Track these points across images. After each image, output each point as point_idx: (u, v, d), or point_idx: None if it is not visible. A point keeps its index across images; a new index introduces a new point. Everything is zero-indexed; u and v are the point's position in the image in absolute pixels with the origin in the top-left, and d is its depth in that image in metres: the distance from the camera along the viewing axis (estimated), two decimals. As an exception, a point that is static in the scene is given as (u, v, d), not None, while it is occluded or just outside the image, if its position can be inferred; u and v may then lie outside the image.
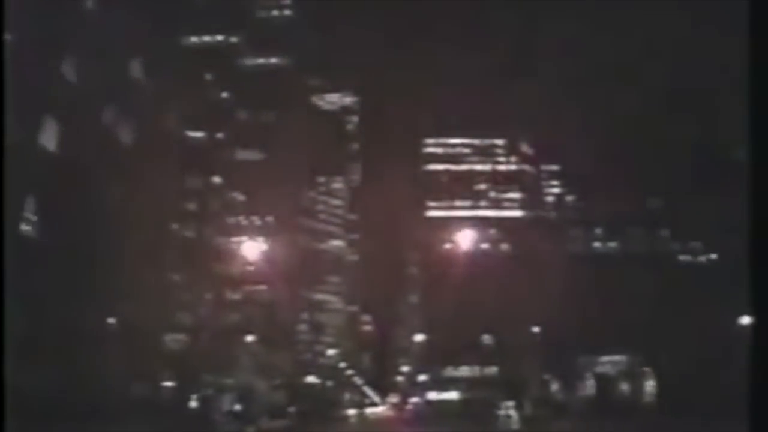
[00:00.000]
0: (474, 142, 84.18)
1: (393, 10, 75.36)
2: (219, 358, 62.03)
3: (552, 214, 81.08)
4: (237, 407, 58.15)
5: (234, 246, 66.33)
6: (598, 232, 78.08)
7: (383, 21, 76.46)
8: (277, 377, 69.03)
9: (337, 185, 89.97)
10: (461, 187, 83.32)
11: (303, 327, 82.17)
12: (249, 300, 72.89)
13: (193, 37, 72.62)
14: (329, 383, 79.63)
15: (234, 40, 77.51)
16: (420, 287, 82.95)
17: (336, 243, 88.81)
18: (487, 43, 73.80)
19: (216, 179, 73.03)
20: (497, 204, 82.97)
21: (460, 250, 75.03)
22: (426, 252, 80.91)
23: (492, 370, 71.72)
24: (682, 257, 75.45)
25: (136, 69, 50.64)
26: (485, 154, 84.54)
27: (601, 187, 75.41)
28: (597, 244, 77.87)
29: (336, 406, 74.34)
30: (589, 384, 64.09)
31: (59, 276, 32.57)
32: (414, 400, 76.75)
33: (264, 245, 66.02)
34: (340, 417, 70.25)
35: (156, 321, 50.00)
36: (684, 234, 75.16)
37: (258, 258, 66.30)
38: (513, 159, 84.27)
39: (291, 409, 63.00)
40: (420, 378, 78.30)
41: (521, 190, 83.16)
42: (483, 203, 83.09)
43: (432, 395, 73.25)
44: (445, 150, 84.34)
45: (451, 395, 71.84)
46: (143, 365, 45.04)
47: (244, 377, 63.33)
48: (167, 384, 52.19)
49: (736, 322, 48.96)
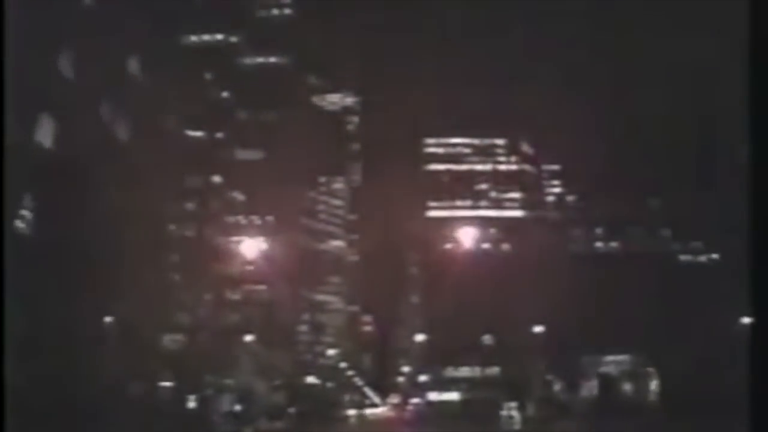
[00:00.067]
0: (474, 141, 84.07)
1: (393, 10, 75.29)
2: (218, 358, 61.85)
3: (553, 214, 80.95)
4: (236, 408, 57.98)
5: (234, 246, 66.13)
6: (599, 231, 77.92)
7: (383, 21, 76.34)
8: (277, 378, 68.83)
9: (338, 185, 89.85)
10: (462, 187, 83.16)
11: (303, 327, 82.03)
12: (249, 300, 72.71)
13: (193, 37, 72.55)
14: (329, 384, 79.44)
15: (234, 39, 77.53)
16: (421, 287, 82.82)
17: (336, 243, 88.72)
18: (488, 43, 73.81)
19: (216, 179, 72.90)
20: (498, 204, 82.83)
21: (460, 250, 74.86)
22: (427, 252, 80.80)
23: (493, 370, 71.56)
24: (683, 257, 75.33)
25: (135, 68, 50.40)
26: (486, 154, 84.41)
27: (602, 187, 75.36)
28: (598, 243, 77.73)
29: (336, 406, 74.13)
30: (592, 384, 63.88)
31: (56, 275, 32.39)
32: (415, 400, 76.53)
33: (264, 245, 65.80)
34: (340, 418, 70.07)
35: (154, 321, 49.78)
36: (685, 234, 75.04)
37: (258, 258, 66.10)
38: (513, 159, 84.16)
39: (291, 410, 62.80)
40: (421, 378, 78.14)
41: (522, 190, 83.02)
42: (484, 203, 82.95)
43: (433, 396, 73.07)
44: (446, 150, 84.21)
45: (452, 396, 71.68)
46: (141, 365, 44.85)
47: (243, 378, 63.14)
48: (166, 384, 51.99)
49: (738, 321, 48.71)
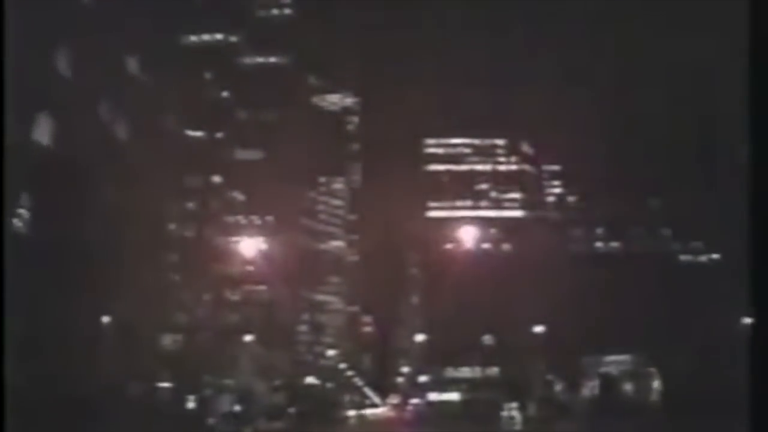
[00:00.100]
0: (475, 142, 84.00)
1: (393, 10, 75.28)
2: (218, 358, 61.74)
3: (553, 214, 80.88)
4: (236, 408, 57.81)
5: (233, 246, 66.02)
6: (599, 232, 77.82)
7: (383, 21, 76.36)
8: (277, 378, 68.70)
9: (338, 185, 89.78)
10: (462, 188, 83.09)
11: (303, 328, 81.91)
12: (248, 300, 72.63)
13: (193, 36, 72.47)
14: (329, 384, 79.30)
15: (234, 39, 77.47)
16: (421, 288, 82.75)
17: (336, 243, 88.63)
18: (488, 44, 73.79)
19: (216, 179, 72.80)
20: (498, 204, 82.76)
21: (460, 250, 74.76)
22: (427, 252, 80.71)
23: (494, 370, 71.44)
24: (683, 257, 75.24)
25: (135, 67, 50.31)
26: (486, 154, 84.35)
27: (602, 187, 75.28)
28: (598, 243, 77.62)
29: (336, 407, 73.94)
30: (592, 384, 63.77)
31: (55, 275, 32.28)
32: (415, 401, 76.39)
33: (264, 245, 65.68)
34: (340, 418, 69.83)
35: (154, 321, 49.68)
36: (685, 234, 74.95)
37: (258, 258, 65.97)
38: (513, 159, 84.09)
39: (291, 411, 62.64)
40: (421, 379, 78.04)
41: (522, 190, 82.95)
42: (484, 203, 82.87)
43: (433, 396, 72.95)
44: (446, 150, 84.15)
45: (453, 396, 71.56)
46: (140, 366, 44.74)
47: (243, 378, 63.02)
48: (165, 385, 51.85)
49: (738, 321, 48.59)
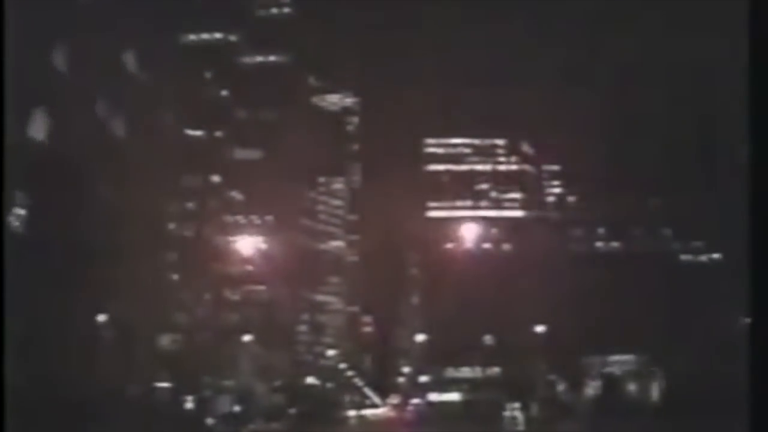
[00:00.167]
0: (475, 142, 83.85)
1: (393, 9, 75.07)
2: (217, 359, 61.61)
3: (553, 214, 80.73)
4: (236, 409, 57.65)
5: (233, 246, 65.92)
6: (600, 231, 77.63)
7: (383, 20, 76.13)
8: (277, 378, 68.55)
9: (338, 185, 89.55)
10: (462, 187, 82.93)
11: (303, 328, 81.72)
12: (248, 300, 72.49)
13: (192, 35, 72.40)
14: (329, 384, 79.12)
15: (233, 38, 77.34)
16: (421, 288, 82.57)
17: (336, 243, 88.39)
18: (488, 43, 73.63)
19: (215, 178, 72.67)
20: (498, 204, 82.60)
21: (461, 250, 74.66)
22: (427, 252, 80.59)
23: (495, 371, 71.29)
24: (683, 257, 75.10)
25: (134, 66, 50.21)
26: (486, 154, 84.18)
27: (603, 187, 75.12)
28: (599, 243, 77.45)
29: (336, 407, 73.74)
30: (595, 384, 63.71)
31: (53, 274, 32.11)
32: (415, 401, 76.20)
33: (263, 245, 65.57)
34: (340, 418, 69.69)
35: (153, 321, 49.54)
36: (686, 233, 74.79)
37: (257, 258, 65.88)
38: (514, 159, 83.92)
39: (291, 411, 62.48)
40: (421, 379, 77.86)
41: (522, 190, 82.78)
42: (484, 203, 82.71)
43: (433, 396, 72.80)
44: (446, 150, 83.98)
45: (453, 396, 71.43)
46: (139, 366, 44.57)
47: (242, 378, 62.87)
48: (164, 385, 51.71)
49: (739, 321, 48.45)
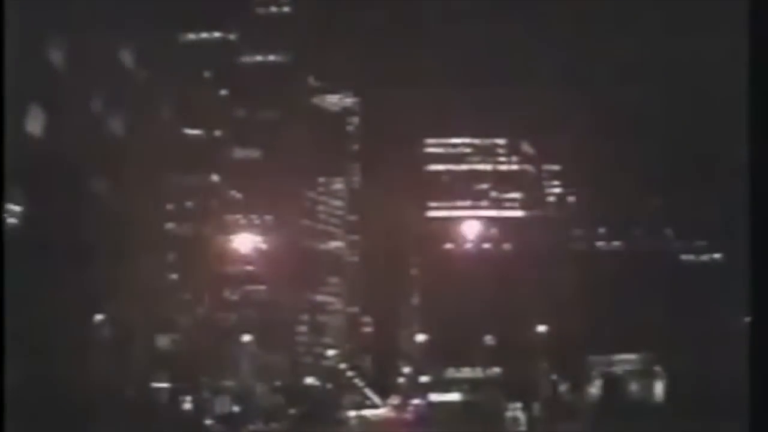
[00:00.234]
0: (475, 142, 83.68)
1: (393, 9, 74.86)
2: (216, 359, 61.46)
3: (554, 213, 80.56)
4: (234, 409, 57.48)
5: (232, 245, 65.78)
6: (601, 231, 77.44)
7: (383, 20, 75.92)
8: (276, 379, 68.40)
9: (338, 186, 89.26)
10: (462, 188, 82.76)
11: (303, 328, 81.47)
12: (247, 300, 72.30)
13: (191, 34, 72.23)
14: (329, 385, 78.92)
15: (232, 37, 77.13)
16: (421, 287, 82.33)
17: (336, 244, 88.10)
18: (488, 43, 73.47)
19: (214, 177, 72.51)
20: (498, 204, 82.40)
21: (461, 250, 74.53)
22: (427, 252, 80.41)
23: (497, 371, 71.13)
24: (684, 256, 74.93)
25: (133, 65, 50.08)
26: (486, 154, 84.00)
27: (603, 187, 74.94)
28: (600, 243, 77.25)
29: (336, 407, 73.56)
30: (596, 384, 63.67)
31: (51, 274, 31.90)
32: (416, 401, 76.01)
33: (263, 245, 65.43)
34: (340, 419, 69.53)
35: (151, 321, 49.36)
36: (686, 233, 74.63)
37: (256, 258, 65.72)
38: (514, 159, 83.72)
39: (291, 411, 62.34)
40: (422, 379, 77.66)
41: (522, 189, 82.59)
42: (484, 203, 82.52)
43: (434, 397, 72.62)
44: (446, 150, 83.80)
45: (454, 397, 71.27)
46: (138, 366, 44.38)
47: (241, 379, 62.72)
48: (162, 385, 51.53)
49: (741, 321, 48.32)
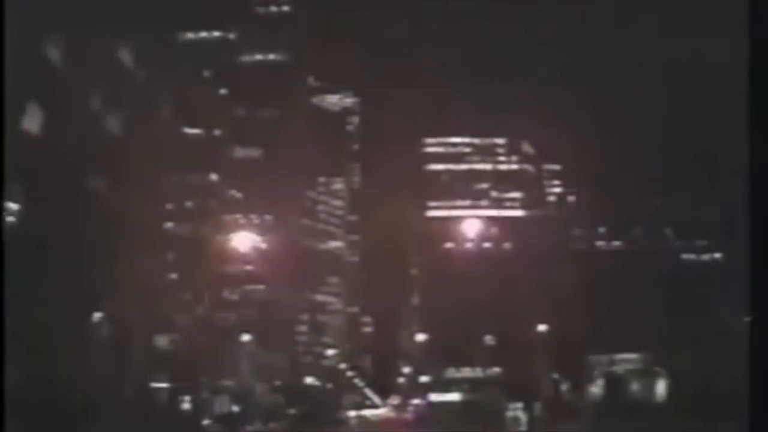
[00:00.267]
0: (475, 141, 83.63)
1: (393, 9, 74.80)
2: (215, 359, 61.38)
3: (554, 213, 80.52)
4: (234, 409, 57.38)
5: (231, 245, 65.68)
6: (601, 230, 77.38)
7: (383, 19, 75.86)
8: (276, 379, 68.31)
9: (338, 185, 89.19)
10: (462, 187, 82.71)
11: (302, 328, 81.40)
12: (247, 300, 72.23)
13: (191, 33, 72.19)
14: (329, 385, 78.85)
15: (232, 36, 77.08)
16: (421, 288, 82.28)
17: (336, 244, 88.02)
18: (488, 42, 73.46)
19: (213, 177, 72.46)
20: (499, 203, 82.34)
21: (461, 249, 74.51)
22: (427, 252, 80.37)
23: (497, 370, 71.06)
24: (685, 256, 74.88)
25: (132, 64, 50.02)
26: (486, 153, 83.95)
27: (604, 187, 74.90)
28: (600, 242, 77.18)
29: (336, 408, 73.47)
30: (596, 384, 63.65)
31: (49, 273, 31.79)
32: (416, 401, 75.93)
33: (262, 245, 65.32)
34: (340, 419, 69.41)
35: (150, 321, 49.28)
36: (687, 233, 74.58)
37: (256, 258, 65.63)
38: (514, 158, 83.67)
39: (290, 411, 62.23)
40: (422, 379, 77.56)
41: (522, 189, 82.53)
42: (484, 203, 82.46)
43: (434, 397, 72.53)
44: (446, 150, 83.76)
45: (454, 397, 71.19)
46: (136, 366, 44.28)
47: (241, 379, 62.64)
48: (161, 385, 51.45)
49: (741, 320, 48.24)
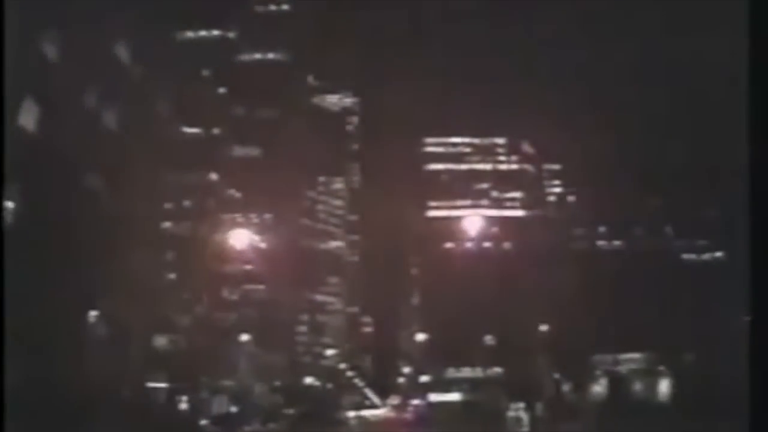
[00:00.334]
0: (475, 141, 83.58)
1: (393, 9, 74.74)
2: (214, 358, 61.30)
3: (554, 213, 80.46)
4: (233, 409, 57.28)
5: (231, 245, 65.57)
6: (601, 230, 77.29)
7: (383, 19, 75.78)
8: (275, 379, 68.22)
9: (337, 185, 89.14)
10: (462, 187, 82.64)
11: (302, 328, 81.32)
12: (246, 300, 72.14)
13: (189, 32, 72.15)
14: (329, 385, 78.75)
15: (231, 35, 77.02)
16: (421, 288, 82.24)
17: (336, 243, 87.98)
18: (489, 41, 73.38)
19: (212, 176, 72.39)
20: (499, 203, 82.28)
21: (461, 249, 74.48)
22: (427, 252, 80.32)
23: (498, 370, 71.00)
24: (686, 255, 74.80)
25: (131, 63, 49.94)
26: (486, 153, 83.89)
27: (604, 186, 74.85)
28: (601, 242, 77.10)
29: (336, 408, 73.36)
30: (598, 383, 63.62)
31: (47, 273, 31.69)
32: (416, 401, 75.84)
33: (262, 245, 65.24)
34: (340, 419, 69.30)
35: (148, 321, 49.21)
36: (687, 232, 74.51)
37: (255, 258, 65.57)
38: (514, 158, 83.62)
39: (290, 412, 62.13)
40: (422, 379, 77.46)
41: (523, 189, 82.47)
42: (484, 203, 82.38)
43: (434, 397, 72.44)
44: (446, 149, 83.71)
45: (454, 397, 71.11)
46: (134, 366, 44.20)
47: (239, 379, 62.56)
48: (160, 385, 51.37)
49: (741, 320, 48.15)
